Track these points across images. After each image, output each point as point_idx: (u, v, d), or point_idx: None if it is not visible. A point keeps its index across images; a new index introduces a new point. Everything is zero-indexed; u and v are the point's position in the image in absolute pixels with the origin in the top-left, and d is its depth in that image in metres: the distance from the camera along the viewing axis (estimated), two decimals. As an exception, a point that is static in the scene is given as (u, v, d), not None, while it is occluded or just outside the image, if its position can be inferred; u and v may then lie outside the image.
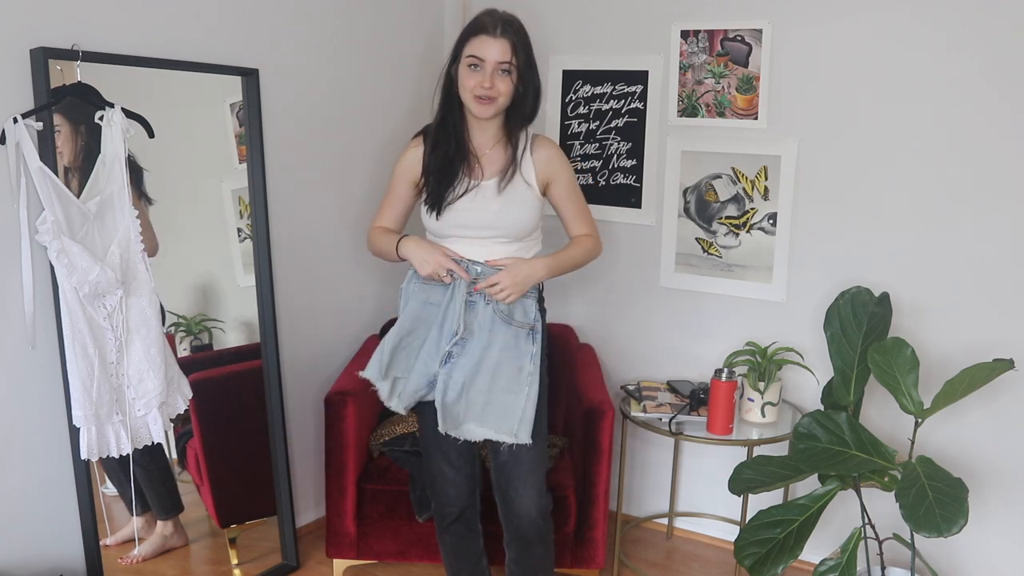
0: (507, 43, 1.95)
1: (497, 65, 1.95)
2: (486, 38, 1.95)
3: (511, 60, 1.96)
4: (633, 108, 2.99)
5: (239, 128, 2.54)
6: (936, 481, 2.05)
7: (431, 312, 2.07)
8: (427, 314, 2.07)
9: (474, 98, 1.98)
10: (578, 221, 2.18)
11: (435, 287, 2.07)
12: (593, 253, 2.20)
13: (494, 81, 1.96)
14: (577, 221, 2.18)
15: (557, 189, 2.12)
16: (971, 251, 2.51)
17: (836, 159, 2.67)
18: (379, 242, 2.18)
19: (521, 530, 2.14)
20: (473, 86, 1.97)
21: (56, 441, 2.17)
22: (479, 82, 1.96)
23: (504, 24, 1.97)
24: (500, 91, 1.97)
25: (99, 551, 2.24)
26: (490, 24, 1.96)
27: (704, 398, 2.65)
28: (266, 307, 2.61)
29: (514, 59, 1.96)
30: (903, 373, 2.22)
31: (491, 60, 1.95)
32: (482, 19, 1.99)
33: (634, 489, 3.20)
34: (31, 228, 2.00)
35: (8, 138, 1.93)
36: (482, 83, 1.96)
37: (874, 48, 2.56)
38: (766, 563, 2.23)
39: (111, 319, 2.09)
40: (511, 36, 1.96)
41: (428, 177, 2.08)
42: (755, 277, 2.85)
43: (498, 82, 1.97)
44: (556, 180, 2.11)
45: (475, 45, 1.97)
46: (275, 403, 2.65)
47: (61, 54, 2.02)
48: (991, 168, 2.45)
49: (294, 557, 2.73)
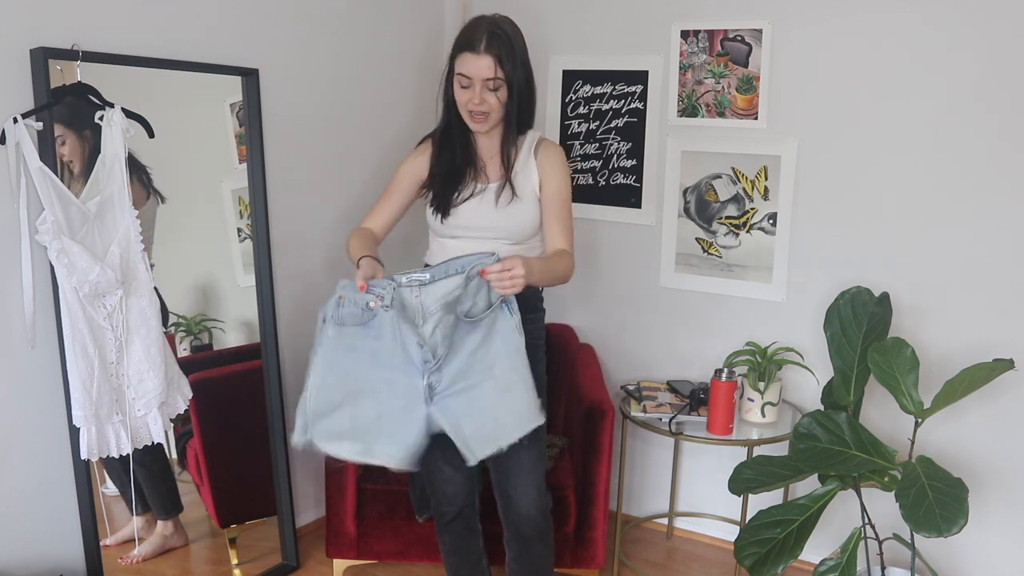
0: (491, 60, 1.93)
1: (484, 82, 1.95)
2: (470, 56, 1.94)
3: (498, 76, 1.94)
4: (633, 108, 2.99)
5: (239, 128, 2.54)
6: (936, 481, 2.05)
7: (363, 361, 1.89)
8: (358, 367, 1.89)
9: (468, 113, 2.00)
10: (559, 233, 2.07)
11: (364, 329, 1.89)
12: (568, 274, 2.06)
13: (484, 97, 1.96)
14: (558, 232, 2.07)
15: (545, 191, 2.07)
16: (971, 251, 2.51)
17: (836, 159, 2.67)
18: (351, 247, 2.05)
19: (521, 528, 2.14)
20: (465, 102, 1.98)
21: (56, 441, 2.17)
22: (470, 98, 1.97)
23: (489, 38, 1.92)
24: (491, 106, 1.97)
25: (99, 551, 2.24)
26: (476, 39, 1.93)
27: (704, 398, 2.65)
28: (266, 307, 2.61)
29: (500, 73, 1.94)
30: (903, 373, 2.22)
31: (478, 78, 1.94)
32: (468, 33, 1.96)
33: (634, 489, 3.20)
34: (31, 228, 2.00)
35: (8, 138, 1.93)
36: (472, 99, 1.96)
37: (874, 48, 2.56)
38: (766, 563, 2.23)
39: (111, 319, 2.09)
40: (495, 51, 1.92)
41: (435, 179, 2.09)
42: (755, 277, 2.85)
43: (488, 98, 1.96)
44: (547, 183, 2.07)
45: (462, 63, 1.96)
46: (275, 403, 2.65)
47: (61, 54, 2.02)
48: (991, 168, 2.45)
49: (294, 557, 2.73)
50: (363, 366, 1.90)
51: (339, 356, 1.90)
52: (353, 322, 1.89)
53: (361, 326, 1.89)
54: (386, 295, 1.87)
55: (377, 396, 1.90)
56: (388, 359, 1.89)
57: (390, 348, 1.89)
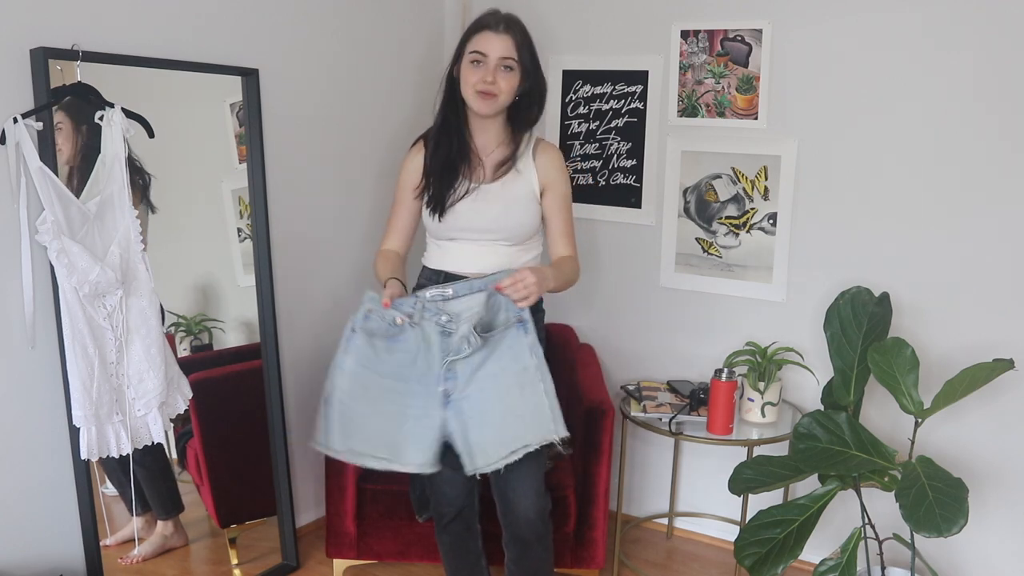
0: (510, 40, 1.97)
1: (500, 60, 1.96)
2: (489, 34, 1.97)
3: (514, 56, 1.97)
4: (633, 108, 2.99)
5: (239, 128, 2.54)
6: (936, 481, 2.05)
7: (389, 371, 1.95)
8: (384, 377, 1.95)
9: (476, 93, 1.98)
10: (564, 239, 2.12)
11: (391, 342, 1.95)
12: (577, 278, 2.13)
13: (496, 76, 1.97)
14: (563, 238, 2.12)
15: (550, 198, 2.09)
16: (971, 251, 2.51)
17: (836, 159, 2.67)
18: (379, 270, 2.12)
19: (520, 531, 2.13)
20: (476, 81, 1.98)
21: (56, 441, 2.17)
22: (481, 77, 1.97)
23: (508, 21, 1.99)
24: (502, 88, 1.98)
25: (99, 551, 2.24)
26: (493, 21, 1.98)
27: (704, 398, 2.65)
28: (266, 307, 2.61)
29: (518, 56, 1.97)
30: (903, 373, 2.22)
31: (494, 55, 1.96)
32: (485, 17, 2.01)
33: (634, 489, 3.20)
34: (31, 228, 2.00)
35: (8, 138, 1.93)
36: (484, 78, 1.96)
37: (874, 48, 2.56)
38: (766, 563, 2.23)
39: (111, 319, 2.09)
40: (515, 34, 1.98)
41: (430, 178, 2.08)
42: (755, 277, 2.85)
43: (500, 78, 1.97)
44: (552, 189, 2.09)
45: (478, 41, 1.98)
46: (275, 403, 2.65)
47: (61, 54, 2.02)
48: (991, 168, 2.45)
49: (294, 557, 2.73)
50: (389, 376, 1.95)
51: (367, 365, 1.95)
52: (381, 334, 1.94)
53: (388, 338, 1.95)
54: (414, 312, 1.93)
55: (402, 405, 1.96)
56: (412, 369, 1.95)
57: (414, 359, 1.95)
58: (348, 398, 1.94)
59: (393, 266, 2.12)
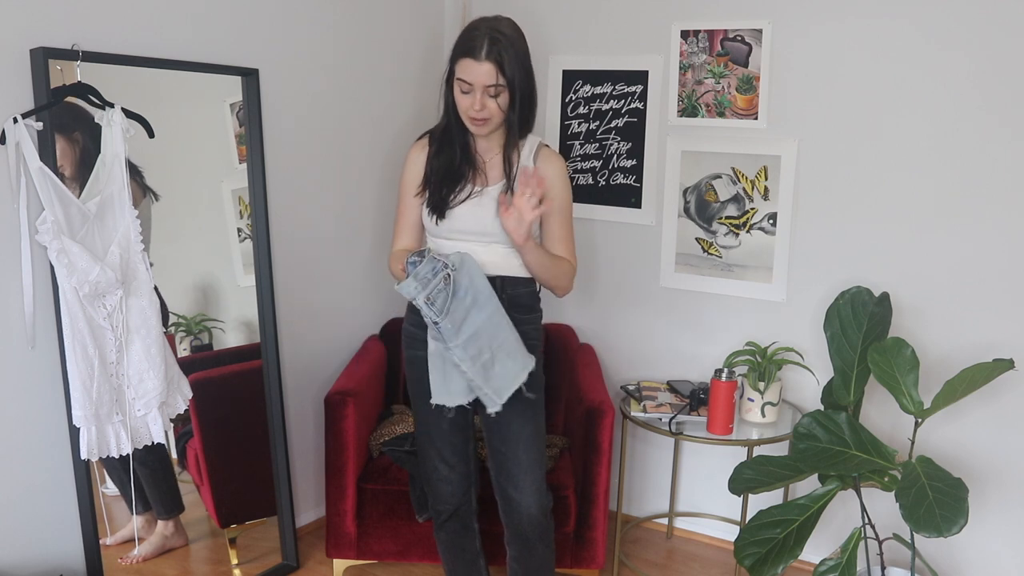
0: (492, 66, 1.91)
1: (485, 89, 1.94)
2: (471, 62, 1.92)
3: (498, 82, 1.93)
4: (633, 108, 2.99)
5: (239, 128, 2.54)
6: (936, 481, 2.05)
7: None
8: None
9: (468, 119, 1.99)
10: (561, 244, 2.11)
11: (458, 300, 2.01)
12: (566, 282, 2.12)
13: (484, 103, 1.95)
14: (560, 243, 2.11)
15: (547, 207, 2.06)
16: (971, 251, 2.51)
17: (836, 159, 2.67)
18: (394, 269, 2.13)
19: (522, 528, 2.14)
20: (466, 107, 1.97)
21: (56, 441, 2.17)
22: (471, 104, 1.96)
23: (490, 43, 1.91)
24: (492, 111, 1.96)
25: (99, 551, 2.24)
26: (476, 45, 1.92)
27: (704, 398, 2.65)
28: (266, 307, 2.61)
29: (501, 79, 1.93)
30: (903, 373, 2.22)
31: (478, 84, 1.93)
32: (469, 37, 1.95)
33: (634, 489, 3.20)
34: (31, 228, 2.00)
35: (8, 138, 1.93)
36: (473, 105, 1.96)
37: (875, 48, 2.56)
38: (766, 563, 2.23)
39: (111, 319, 2.09)
40: (495, 57, 1.91)
41: (431, 180, 2.08)
42: (755, 277, 2.85)
43: (488, 103, 1.95)
44: (550, 195, 2.05)
45: (462, 68, 1.94)
46: (275, 403, 2.65)
47: (61, 54, 2.02)
48: (991, 168, 2.45)
49: (294, 557, 2.73)
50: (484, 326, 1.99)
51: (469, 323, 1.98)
52: (444, 300, 1.96)
53: (455, 297, 1.97)
54: (445, 258, 1.96)
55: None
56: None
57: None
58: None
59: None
